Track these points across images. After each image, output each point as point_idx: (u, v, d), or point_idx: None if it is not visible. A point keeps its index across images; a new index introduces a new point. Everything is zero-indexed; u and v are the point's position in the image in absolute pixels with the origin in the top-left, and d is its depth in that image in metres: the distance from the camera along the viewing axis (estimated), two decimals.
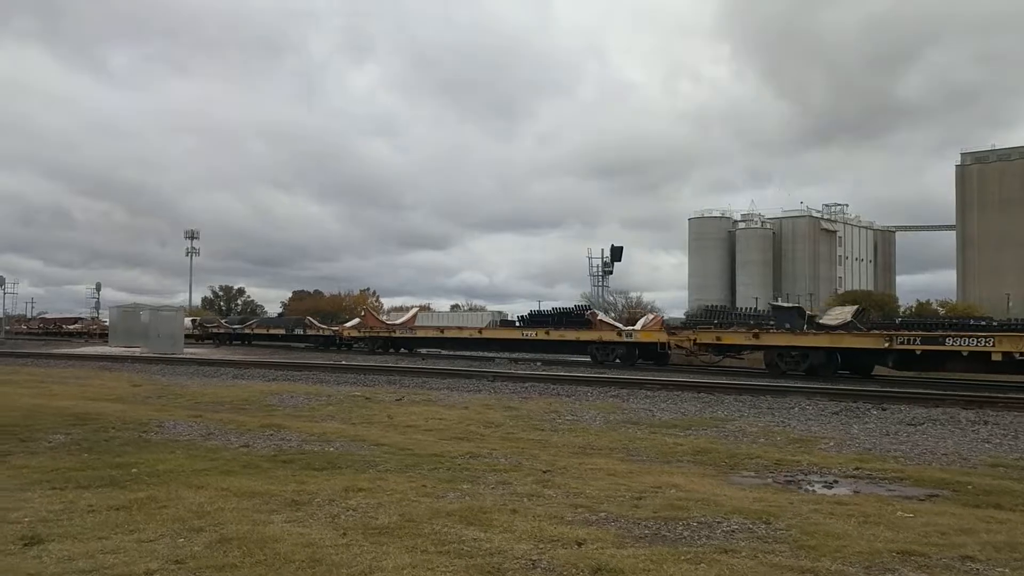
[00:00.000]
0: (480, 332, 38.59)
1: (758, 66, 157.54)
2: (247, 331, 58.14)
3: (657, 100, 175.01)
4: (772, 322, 34.66)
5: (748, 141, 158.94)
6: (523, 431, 11.16)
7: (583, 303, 71.32)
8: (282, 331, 54.30)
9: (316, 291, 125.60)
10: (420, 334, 42.28)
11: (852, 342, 23.44)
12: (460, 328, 41.55)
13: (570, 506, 6.24)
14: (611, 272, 44.13)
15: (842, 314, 26.41)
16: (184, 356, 35.22)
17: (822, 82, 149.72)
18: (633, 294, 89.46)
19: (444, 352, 41.25)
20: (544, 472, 7.75)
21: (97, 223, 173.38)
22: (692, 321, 37.20)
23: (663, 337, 29.24)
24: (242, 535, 5.16)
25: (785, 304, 31.64)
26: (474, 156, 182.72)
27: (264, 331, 56.67)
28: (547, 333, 34.20)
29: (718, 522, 5.78)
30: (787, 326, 25.78)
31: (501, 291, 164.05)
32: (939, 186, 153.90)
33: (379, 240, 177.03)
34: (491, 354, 36.15)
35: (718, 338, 27.04)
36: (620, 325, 33.02)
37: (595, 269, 44.36)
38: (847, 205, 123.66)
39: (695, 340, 27.36)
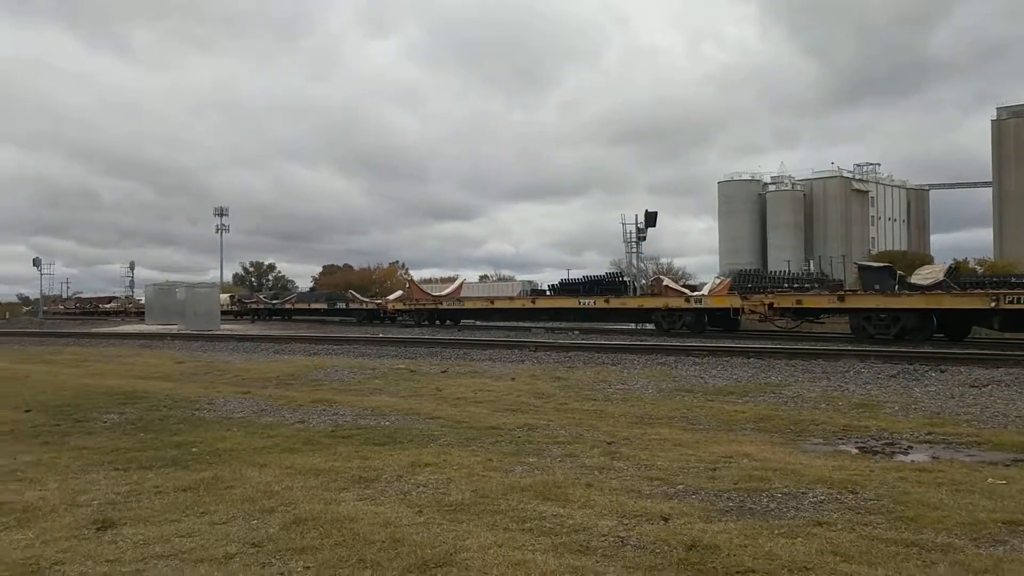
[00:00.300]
0: (533, 302, 37.40)
1: (785, 25, 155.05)
2: (287, 306, 57.98)
3: (681, 64, 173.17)
4: (813, 285, 34.02)
5: (775, 103, 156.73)
6: (576, 401, 10.98)
7: (613, 270, 70.93)
8: (323, 305, 53.72)
9: (346, 265, 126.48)
10: (469, 305, 41.08)
11: (952, 303, 21.58)
12: (511, 299, 40.34)
13: (644, 479, 6.05)
14: (644, 238, 43.58)
15: (933, 273, 24.84)
16: (221, 332, 35.42)
17: (850, 40, 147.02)
18: (663, 260, 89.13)
19: (479, 323, 41.04)
20: (608, 444, 7.56)
21: (125, 203, 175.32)
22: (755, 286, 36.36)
23: (736, 302, 27.99)
24: (316, 515, 5.02)
25: (873, 264, 30.14)
26: (498, 126, 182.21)
27: (305, 306, 56.24)
28: (607, 301, 32.88)
29: (802, 493, 5.56)
30: (876, 287, 24.34)
31: (528, 261, 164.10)
32: (973, 142, 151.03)
33: (405, 212, 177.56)
34: (528, 324, 35.83)
35: (798, 301, 25.56)
36: (687, 291, 31.68)
37: (629, 235, 43.82)
38: (879, 164, 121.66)
39: (771, 304, 25.89)
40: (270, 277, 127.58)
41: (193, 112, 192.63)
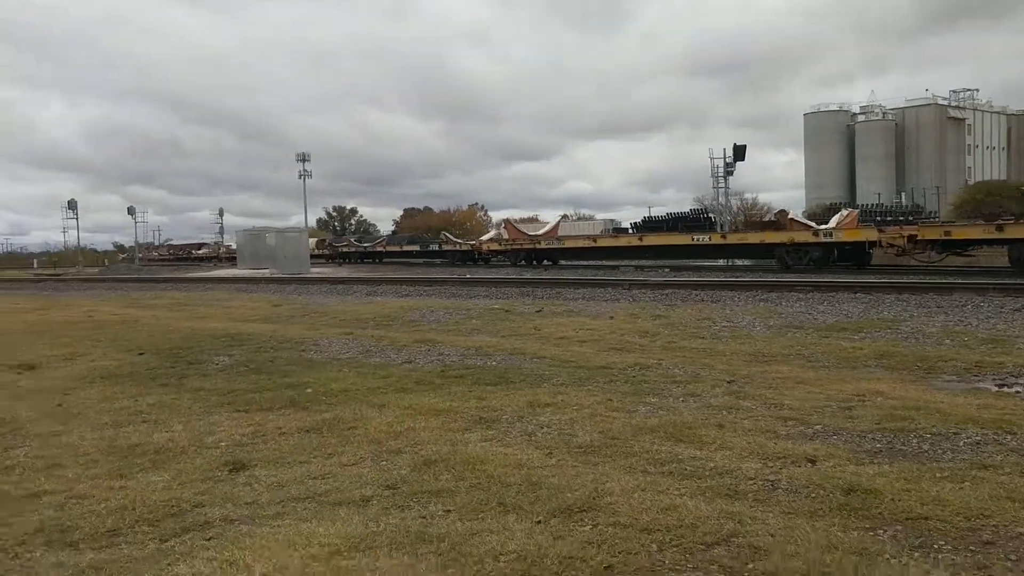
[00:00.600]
0: (640, 239, 35.47)
1: None
2: (379, 249, 58.11)
3: None
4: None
5: (864, 29, 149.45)
6: (683, 340, 10.68)
7: (696, 207, 69.55)
8: (416, 247, 53.67)
9: (426, 208, 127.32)
10: (569, 244, 39.51)
11: None
12: (615, 236, 38.47)
13: (777, 419, 5.77)
14: (732, 172, 42.42)
15: None
16: (312, 276, 36.03)
17: None
18: (747, 195, 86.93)
19: (574, 263, 40.34)
20: (728, 383, 7.27)
21: (210, 151, 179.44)
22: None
23: (871, 234, 26.28)
24: (444, 456, 4.91)
25: None
26: (575, 62, 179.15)
27: (397, 248, 56.25)
28: (723, 237, 31.45)
29: (954, 433, 5.21)
30: None
31: (606, 199, 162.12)
32: None
33: (481, 154, 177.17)
34: (621, 263, 35.13)
35: (946, 233, 23.61)
36: (813, 224, 29.91)
37: (716, 170, 42.69)
38: (977, 90, 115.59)
39: (912, 236, 24.11)
40: (352, 221, 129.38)
41: (270, 59, 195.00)
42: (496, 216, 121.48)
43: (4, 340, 12.86)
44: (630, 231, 48.23)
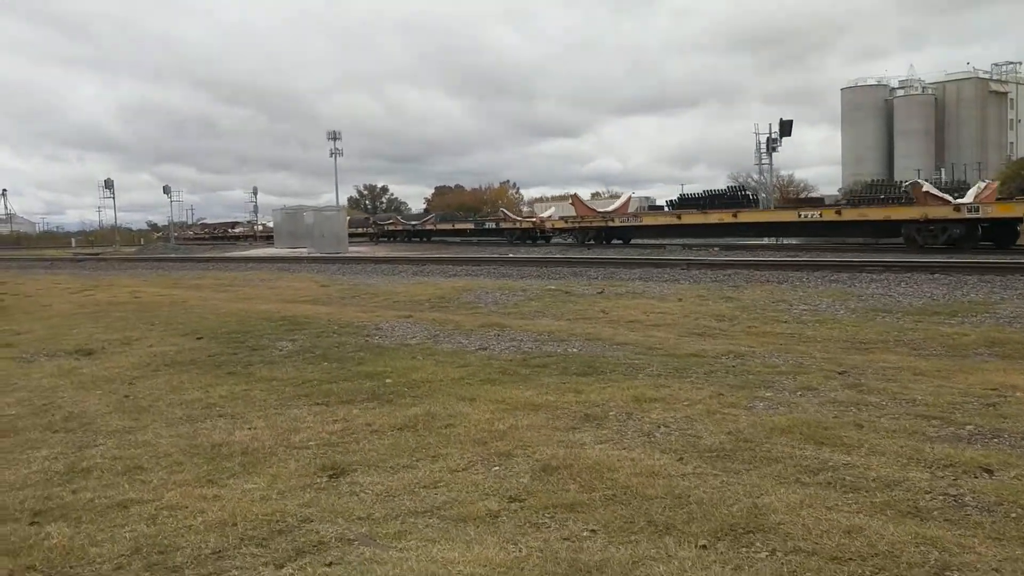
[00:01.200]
0: (735, 215, 32.20)
1: None
2: (428, 227, 56.31)
3: None
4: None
5: (902, 1, 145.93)
6: (765, 324, 10.11)
7: (732, 184, 68.24)
8: (469, 226, 51.89)
9: (457, 186, 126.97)
10: (648, 222, 36.56)
11: None
12: (705, 213, 34.29)
13: (917, 417, 5.20)
14: (777, 148, 41.39)
15: None
16: (351, 255, 35.74)
17: None
18: (783, 172, 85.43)
19: (636, 241, 38.71)
20: (840, 373, 6.70)
21: (241, 130, 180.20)
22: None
23: None
24: (563, 461, 4.41)
25: None
26: (606, 38, 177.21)
27: (449, 227, 54.54)
28: (837, 213, 28.42)
29: None
30: None
31: (636, 176, 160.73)
32: None
33: (511, 131, 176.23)
34: (665, 242, 34.12)
35: None
36: (949, 197, 27.08)
37: (761, 146, 41.69)
38: (1020, 63, 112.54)
39: None
40: (384, 199, 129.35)
41: (303, 37, 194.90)
42: (527, 194, 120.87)
43: (56, 323, 12.57)
44: (665, 209, 47.13)
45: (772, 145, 41.10)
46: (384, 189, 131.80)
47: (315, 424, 5.47)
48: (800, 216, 29.70)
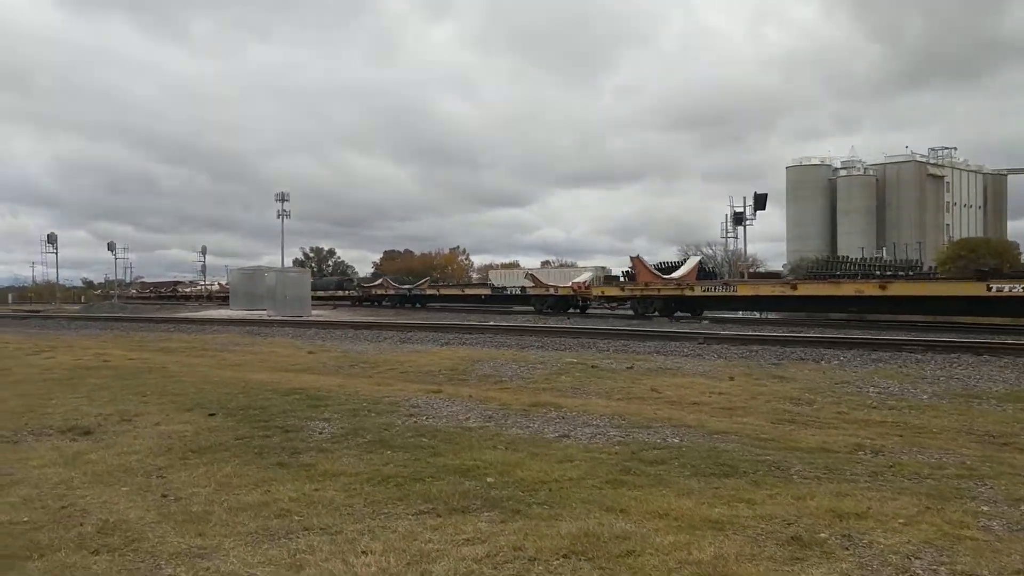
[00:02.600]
0: (883, 288, 26.03)
1: (849, 6, 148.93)
2: (427, 291, 51.65)
3: (741, 47, 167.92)
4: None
5: (837, 87, 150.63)
6: (853, 409, 9.05)
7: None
8: (483, 291, 46.66)
9: (406, 250, 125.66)
10: (744, 292, 30.02)
11: None
12: (836, 283, 28.49)
13: None
14: (752, 223, 41.24)
15: None
16: (316, 319, 34.10)
17: (918, 21, 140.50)
18: (731, 246, 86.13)
19: (709, 313, 33.58)
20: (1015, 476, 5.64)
21: (182, 189, 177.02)
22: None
23: None
24: None
25: None
26: (552, 112, 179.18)
27: (456, 291, 49.84)
28: (988, 288, 23.08)
29: None
30: None
31: (579, 247, 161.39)
32: None
33: (457, 199, 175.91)
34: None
35: None
36: None
37: (726, 220, 41.48)
38: (955, 148, 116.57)
39: None
40: (330, 263, 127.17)
41: (249, 99, 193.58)
42: (478, 261, 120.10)
43: (26, 390, 10.98)
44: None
45: (748, 220, 40.87)
46: (331, 252, 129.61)
47: (445, 546, 4.16)
48: (990, 289, 23.29)
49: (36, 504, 5.08)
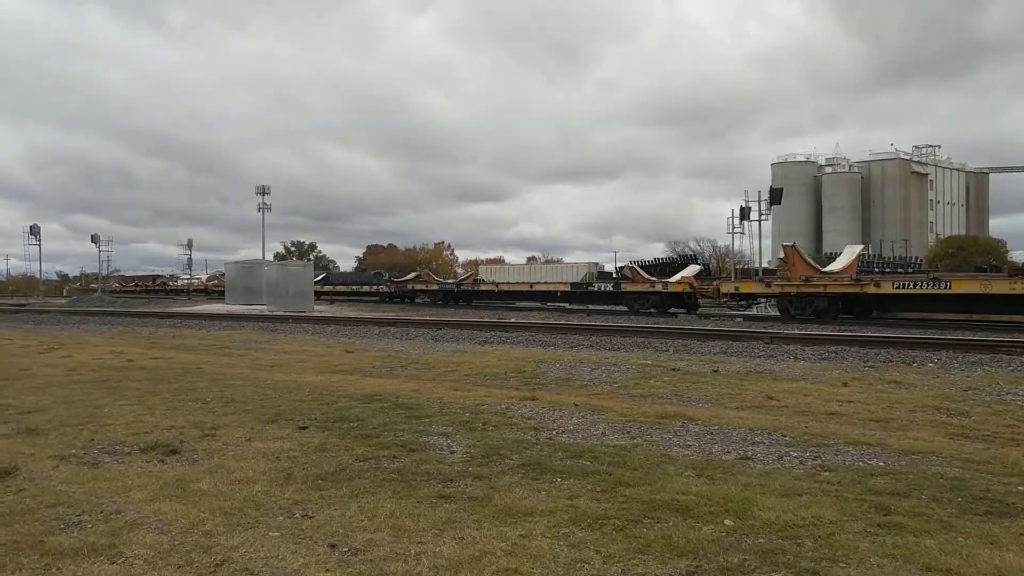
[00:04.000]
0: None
1: (832, 3, 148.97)
2: (477, 287, 45.72)
3: (724, 43, 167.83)
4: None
5: (819, 84, 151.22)
6: (1020, 421, 8.03)
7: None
8: (562, 287, 39.97)
9: (390, 245, 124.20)
10: (959, 289, 23.99)
11: None
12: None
13: None
14: (767, 218, 40.32)
15: None
16: (319, 314, 32.83)
17: (901, 19, 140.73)
18: (720, 242, 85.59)
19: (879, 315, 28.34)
20: None
21: (159, 182, 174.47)
22: None
23: None
24: None
25: None
26: (533, 106, 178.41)
27: (523, 287, 42.88)
28: None
29: None
30: None
31: (557, 242, 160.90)
32: None
33: (436, 193, 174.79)
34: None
35: None
36: None
37: (732, 217, 40.58)
38: (939, 146, 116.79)
39: None
40: (311, 257, 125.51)
41: (227, 91, 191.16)
42: (462, 256, 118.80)
43: (65, 396, 9.76)
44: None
45: (763, 215, 39.97)
46: (312, 246, 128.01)
47: None
48: None
49: (180, 560, 3.92)
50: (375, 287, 53.10)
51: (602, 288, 37.27)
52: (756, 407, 9.04)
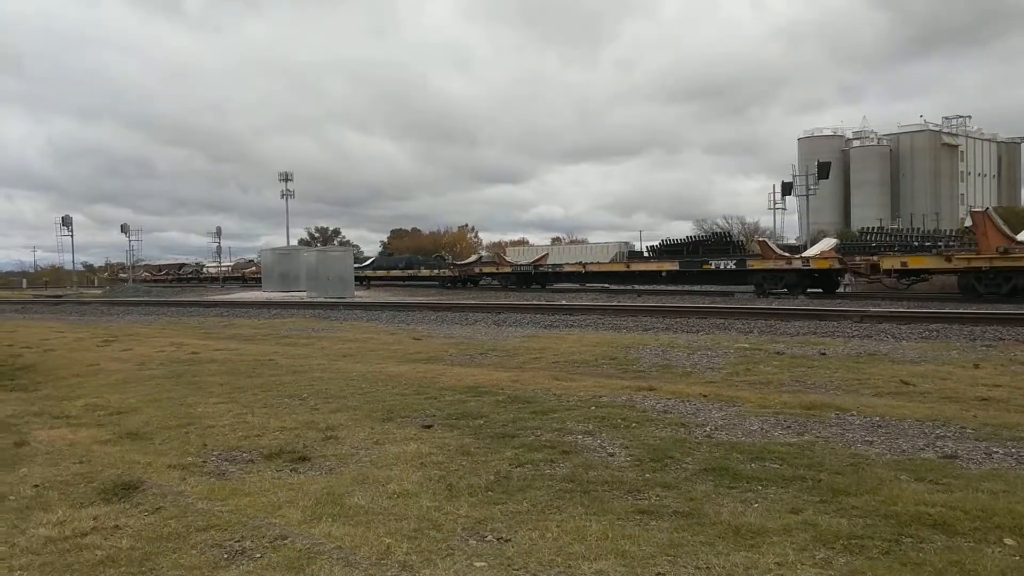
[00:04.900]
0: None
1: None
2: (568, 269, 41.69)
3: (743, 17, 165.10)
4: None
5: (841, 56, 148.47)
6: None
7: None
8: (670, 266, 35.92)
9: (414, 229, 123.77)
10: None
11: None
12: None
13: None
14: (815, 192, 39.30)
15: None
16: (360, 300, 32.32)
17: None
18: (748, 219, 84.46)
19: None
20: None
21: (179, 170, 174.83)
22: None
23: None
24: None
25: None
26: (551, 86, 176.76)
27: (621, 267, 38.59)
28: None
29: None
30: None
31: (577, 223, 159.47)
32: None
33: (453, 176, 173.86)
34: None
35: None
36: None
37: (773, 191, 39.50)
38: (969, 117, 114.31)
39: None
40: (336, 242, 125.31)
41: (244, 77, 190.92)
42: (486, 238, 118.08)
43: (148, 393, 9.21)
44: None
45: (811, 188, 38.94)
46: (336, 232, 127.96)
47: None
48: None
49: None
50: (436, 271, 49.94)
51: (722, 267, 33.23)
52: (895, 394, 8.33)
